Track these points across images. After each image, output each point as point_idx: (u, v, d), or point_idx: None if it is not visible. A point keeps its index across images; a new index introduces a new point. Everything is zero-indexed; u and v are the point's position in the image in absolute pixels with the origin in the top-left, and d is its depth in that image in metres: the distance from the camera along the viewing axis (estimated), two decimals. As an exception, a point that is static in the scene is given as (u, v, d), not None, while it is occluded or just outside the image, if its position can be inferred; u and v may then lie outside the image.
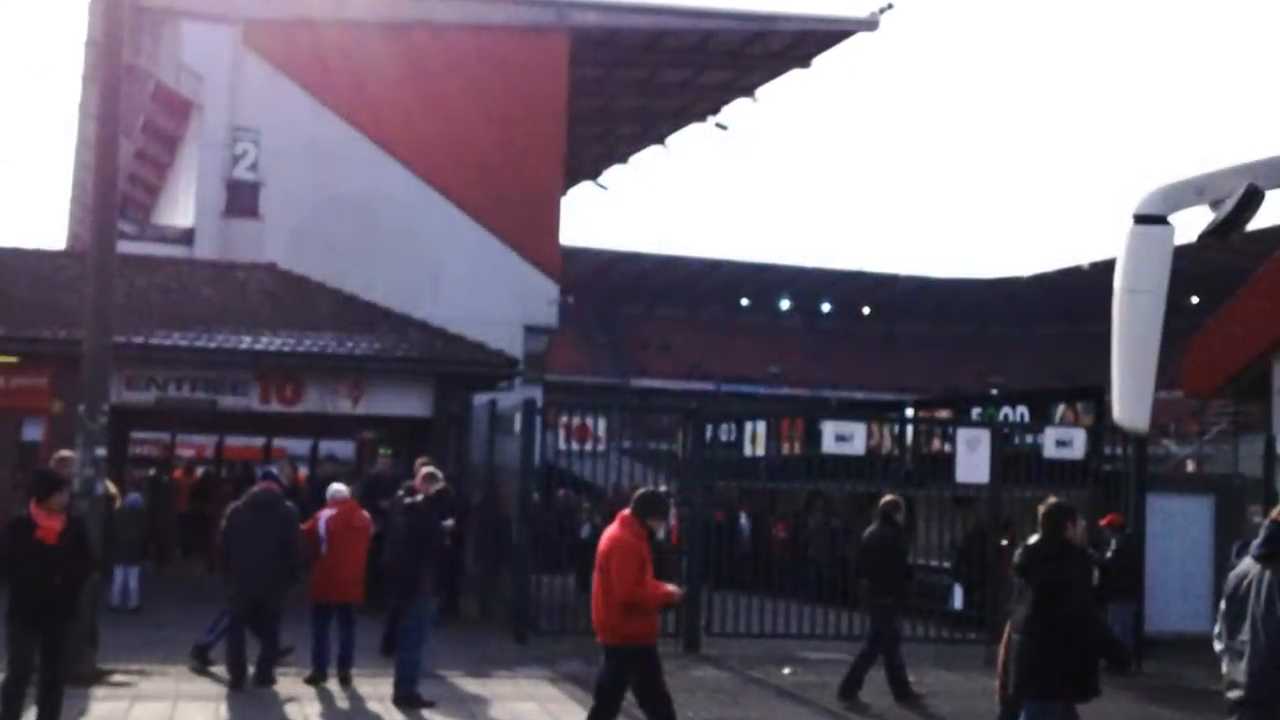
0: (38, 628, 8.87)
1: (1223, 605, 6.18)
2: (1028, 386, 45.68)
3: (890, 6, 30.87)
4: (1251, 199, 12.00)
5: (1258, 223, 12.69)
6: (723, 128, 37.28)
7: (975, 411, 19.99)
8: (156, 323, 19.03)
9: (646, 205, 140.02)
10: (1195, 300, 50.09)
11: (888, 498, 13.40)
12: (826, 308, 73.52)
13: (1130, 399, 13.33)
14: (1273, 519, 6.08)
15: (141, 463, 28.99)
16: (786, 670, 14.27)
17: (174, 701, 11.13)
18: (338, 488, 12.79)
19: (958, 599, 17.86)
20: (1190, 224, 12.65)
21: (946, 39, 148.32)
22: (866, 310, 73.84)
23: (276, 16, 26.87)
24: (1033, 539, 7.92)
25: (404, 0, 27.84)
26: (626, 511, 8.66)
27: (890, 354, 70.92)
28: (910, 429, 19.52)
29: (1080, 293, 58.95)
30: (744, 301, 72.31)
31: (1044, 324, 70.64)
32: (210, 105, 26.65)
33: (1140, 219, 12.67)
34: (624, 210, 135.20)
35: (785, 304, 72.96)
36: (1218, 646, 6.19)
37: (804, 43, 32.22)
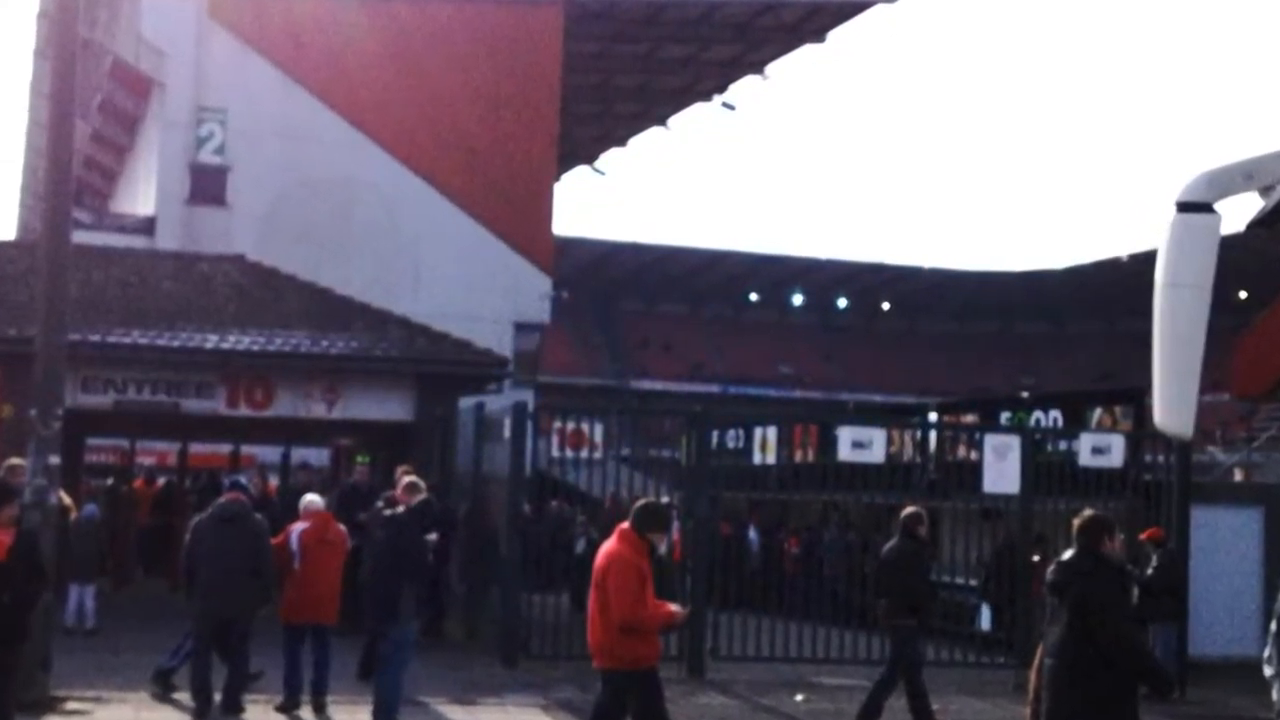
0: (-15, 651, 8.86)
1: (1273, 626, 6.20)
2: (1061, 389, 45.81)
3: (912, -24, 31.05)
4: (1304, 185, 12.02)
5: (1311, 211, 12.73)
6: (729, 108, 37.40)
7: (1004, 416, 20.02)
8: (115, 319, 19.03)
9: (647, 192, 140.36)
10: (1243, 295, 50.16)
11: (909, 510, 13.38)
12: (842, 303, 73.59)
13: (1173, 402, 13.34)
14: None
15: (98, 471, 28.98)
16: (799, 697, 14.29)
17: (134, 731, 11.17)
18: (311, 499, 12.78)
19: (985, 620, 17.86)
20: (1238, 212, 12.67)
21: (971, 11, 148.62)
22: (886, 306, 73.93)
23: (245, -13, 26.92)
24: (1067, 554, 7.91)
25: (384, -30, 27.91)
26: (625, 524, 8.68)
27: (911, 353, 70.96)
28: (933, 435, 19.57)
29: (1118, 287, 59.06)
30: (752, 296, 72.38)
31: (1078, 321, 70.74)
32: (173, 83, 26.66)
33: (1184, 207, 12.69)
34: (622, 197, 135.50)
35: (797, 299, 73.02)
36: (1267, 671, 6.20)
37: (818, 15, 32.27)
